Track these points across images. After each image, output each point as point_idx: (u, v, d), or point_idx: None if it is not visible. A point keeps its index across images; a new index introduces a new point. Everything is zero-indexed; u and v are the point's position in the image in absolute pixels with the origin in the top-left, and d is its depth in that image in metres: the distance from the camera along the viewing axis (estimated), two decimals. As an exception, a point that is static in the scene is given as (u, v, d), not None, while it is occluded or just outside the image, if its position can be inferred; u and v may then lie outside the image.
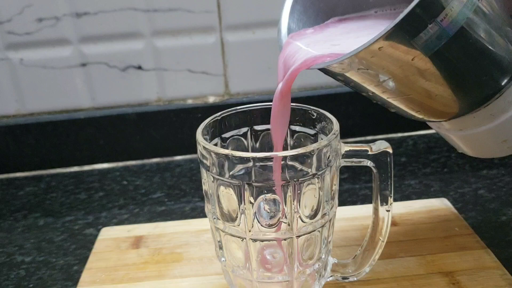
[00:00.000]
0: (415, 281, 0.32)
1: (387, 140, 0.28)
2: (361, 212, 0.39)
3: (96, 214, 0.44)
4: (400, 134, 0.56)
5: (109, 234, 0.38)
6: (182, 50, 0.50)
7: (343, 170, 0.49)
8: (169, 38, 0.50)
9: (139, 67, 0.51)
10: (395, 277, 0.32)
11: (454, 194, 0.44)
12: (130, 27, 0.49)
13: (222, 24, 0.50)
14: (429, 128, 0.56)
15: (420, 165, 0.49)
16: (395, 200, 0.42)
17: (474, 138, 0.25)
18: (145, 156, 0.54)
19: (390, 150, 0.27)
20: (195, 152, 0.55)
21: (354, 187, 0.46)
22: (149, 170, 0.52)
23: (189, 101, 0.53)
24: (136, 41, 0.50)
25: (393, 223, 0.37)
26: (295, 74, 0.25)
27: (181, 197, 0.46)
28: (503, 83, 0.23)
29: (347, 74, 0.23)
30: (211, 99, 0.53)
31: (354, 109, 0.54)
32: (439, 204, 0.40)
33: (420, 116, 0.26)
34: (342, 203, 0.43)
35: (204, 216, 0.42)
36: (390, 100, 0.25)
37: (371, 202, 0.29)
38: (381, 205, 0.28)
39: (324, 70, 0.25)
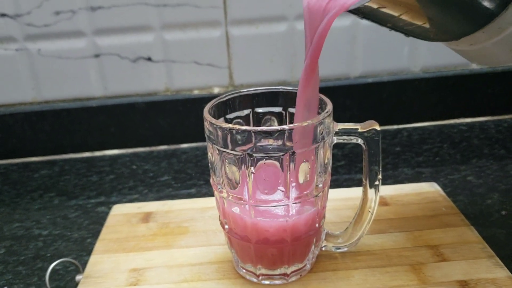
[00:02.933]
0: (402, 253, 0.34)
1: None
2: (354, 194, 0.41)
3: (107, 194, 0.47)
4: (395, 126, 0.59)
5: (120, 210, 0.41)
6: (189, 43, 0.54)
7: (340, 158, 0.52)
8: (177, 32, 0.53)
9: (149, 59, 0.54)
10: (384, 249, 0.35)
11: (444, 180, 0.47)
12: (141, 21, 0.52)
13: (228, 19, 0.53)
14: (423, 121, 0.59)
15: (413, 154, 0.52)
16: (387, 184, 0.45)
17: (485, 51, 0.27)
18: (153, 143, 0.57)
19: (378, 128, 0.30)
20: (201, 140, 0.58)
21: (350, 176, 0.49)
22: (156, 156, 0.55)
23: (195, 92, 0.56)
24: (146, 34, 0.53)
25: (384, 203, 0.40)
26: (337, 15, 0.26)
27: (187, 180, 0.49)
28: None
29: (375, 6, 0.25)
30: (216, 90, 0.56)
31: (351, 102, 0.57)
32: (429, 188, 0.42)
33: (437, 38, 0.28)
34: (338, 186, 0.46)
35: (209, 196, 0.45)
36: (409, 28, 0.27)
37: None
38: (370, 179, 0.31)
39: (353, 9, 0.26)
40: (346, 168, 0.50)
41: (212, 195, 0.45)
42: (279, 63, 0.55)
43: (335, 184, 0.46)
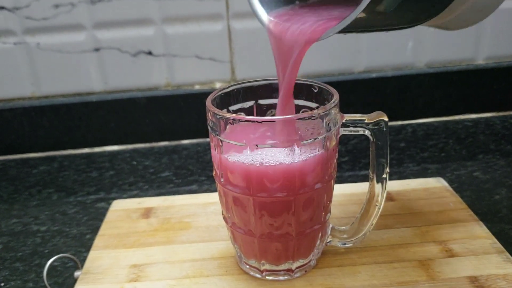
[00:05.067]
0: (409, 249, 0.33)
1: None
2: (360, 189, 0.41)
3: (107, 190, 0.46)
4: (400, 122, 0.58)
5: (120, 206, 0.40)
6: (191, 37, 0.53)
7: (344, 153, 0.51)
8: (178, 25, 0.52)
9: (150, 53, 0.53)
10: (391, 244, 0.34)
11: (451, 176, 0.46)
12: (141, 14, 0.51)
13: (230, 12, 0.52)
14: (427, 116, 0.58)
15: (419, 150, 0.51)
16: (393, 179, 0.44)
17: (455, 19, 0.28)
18: (154, 139, 0.56)
19: (386, 119, 0.29)
20: (202, 136, 0.57)
21: (355, 172, 0.48)
22: (157, 152, 0.54)
23: (197, 87, 0.55)
24: (147, 27, 0.52)
25: (390, 198, 0.39)
26: (306, 49, 0.25)
27: (188, 176, 0.48)
28: None
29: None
30: (218, 85, 0.55)
31: (355, 97, 0.56)
32: (435, 183, 0.41)
33: (406, 26, 0.28)
34: (342, 182, 0.45)
35: (211, 191, 0.45)
36: (379, 29, 0.28)
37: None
38: (378, 172, 0.30)
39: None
40: (350, 164, 0.49)
41: (213, 190, 0.44)
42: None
43: (339, 180, 0.46)
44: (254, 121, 0.27)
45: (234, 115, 0.28)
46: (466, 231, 0.35)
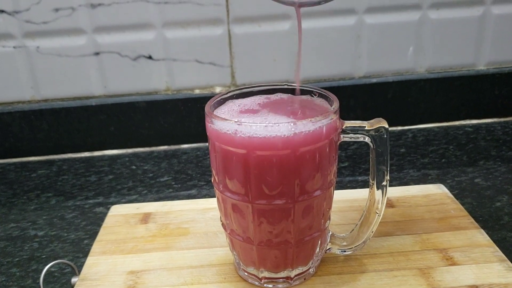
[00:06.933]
0: (410, 256, 0.33)
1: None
2: (360, 195, 0.40)
3: (106, 195, 0.46)
4: (400, 127, 0.57)
5: (118, 211, 0.40)
6: (191, 41, 0.53)
7: (343, 159, 0.51)
8: (178, 30, 0.52)
9: (150, 57, 0.53)
10: (391, 252, 0.34)
11: (451, 182, 0.45)
12: (141, 18, 0.51)
13: (230, 17, 0.52)
14: (428, 122, 0.58)
15: (419, 155, 0.51)
16: (393, 185, 0.44)
17: None
18: (153, 143, 0.56)
19: (386, 125, 0.29)
20: (202, 140, 0.57)
21: (354, 177, 0.48)
22: (157, 157, 0.54)
23: (197, 91, 0.55)
24: (147, 31, 0.52)
25: (390, 205, 0.39)
26: None
27: (188, 181, 0.48)
28: None
29: None
30: (218, 90, 0.55)
31: (355, 102, 0.56)
32: (436, 189, 0.41)
33: None
34: (342, 188, 0.45)
35: (210, 196, 0.44)
36: None
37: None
38: (378, 179, 0.30)
39: None
40: (350, 169, 0.49)
41: (213, 196, 0.43)
42: (282, 62, 0.54)
43: (338, 185, 0.45)
44: (251, 126, 0.26)
45: (232, 120, 0.27)
46: (467, 239, 0.34)
